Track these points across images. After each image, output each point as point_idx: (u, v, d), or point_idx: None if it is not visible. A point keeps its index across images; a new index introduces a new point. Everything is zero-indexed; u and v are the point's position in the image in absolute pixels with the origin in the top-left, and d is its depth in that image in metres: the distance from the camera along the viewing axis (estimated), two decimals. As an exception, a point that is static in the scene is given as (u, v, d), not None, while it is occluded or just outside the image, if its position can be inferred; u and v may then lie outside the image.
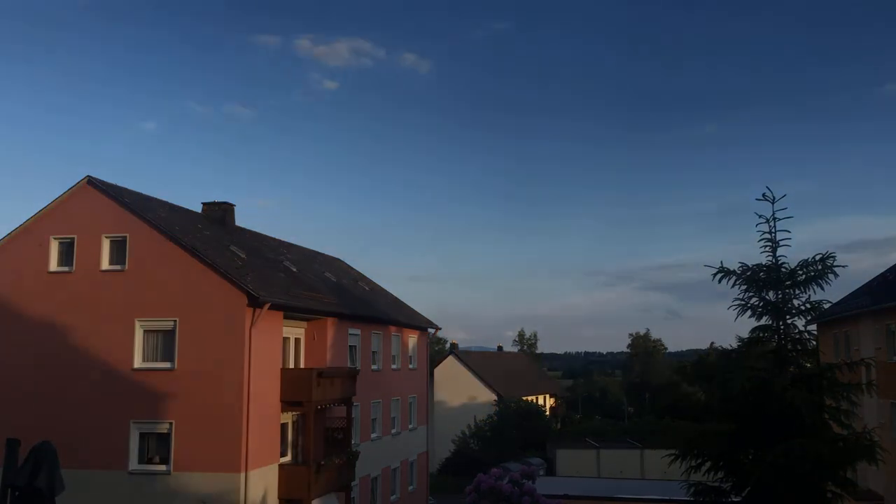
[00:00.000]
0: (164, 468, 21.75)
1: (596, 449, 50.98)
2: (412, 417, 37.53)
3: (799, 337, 13.77)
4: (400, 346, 35.53)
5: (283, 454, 24.34)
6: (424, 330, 39.83)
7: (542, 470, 40.82)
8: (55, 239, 23.44)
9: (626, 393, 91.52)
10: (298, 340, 26.36)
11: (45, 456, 8.15)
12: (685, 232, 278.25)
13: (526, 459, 45.66)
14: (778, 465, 12.01)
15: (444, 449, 55.46)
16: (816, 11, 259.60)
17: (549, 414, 68.90)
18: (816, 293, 13.57)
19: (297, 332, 26.12)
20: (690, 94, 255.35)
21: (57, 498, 8.30)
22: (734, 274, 13.87)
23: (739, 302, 13.85)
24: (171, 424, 21.80)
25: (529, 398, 64.18)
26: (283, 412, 23.90)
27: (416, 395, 38.08)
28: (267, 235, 33.09)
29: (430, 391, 44.27)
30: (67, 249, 23.40)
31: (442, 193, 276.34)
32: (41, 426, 19.52)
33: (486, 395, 61.90)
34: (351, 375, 27.05)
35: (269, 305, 22.10)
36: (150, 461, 22.06)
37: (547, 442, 56.39)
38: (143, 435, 22.17)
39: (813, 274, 13.46)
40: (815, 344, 14.12)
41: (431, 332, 41.30)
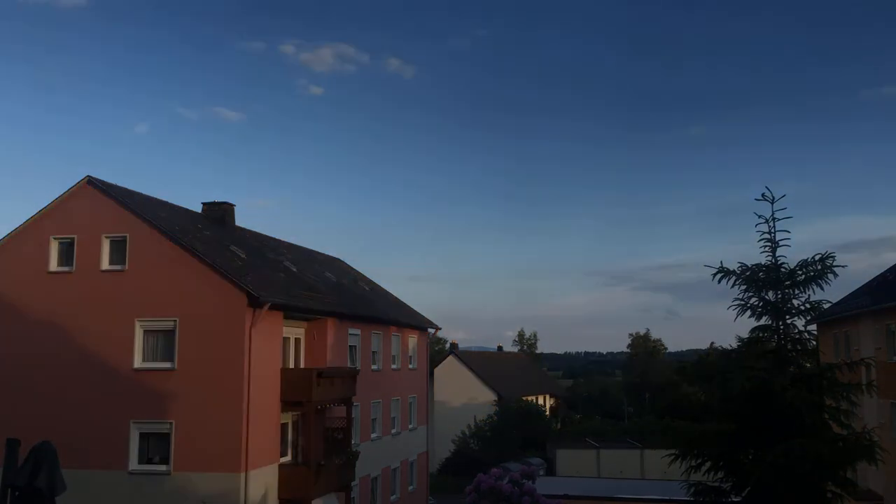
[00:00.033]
0: (164, 468, 21.76)
1: (596, 449, 50.95)
2: (412, 417, 37.54)
3: (799, 337, 13.77)
4: (400, 346, 35.53)
5: (283, 454, 24.34)
6: (424, 330, 39.83)
7: (542, 470, 40.78)
8: (55, 239, 23.45)
9: (626, 393, 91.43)
10: (298, 340, 26.36)
11: (45, 456, 8.16)
12: (685, 232, 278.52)
13: (526, 459, 45.61)
14: (778, 465, 12.01)
15: (444, 449, 55.40)
16: (816, 12, 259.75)
17: (549, 414, 68.89)
18: (816, 293, 13.59)
19: (297, 332, 26.12)
20: (690, 94, 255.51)
21: (57, 498, 8.30)
22: (734, 274, 13.87)
23: (739, 302, 13.85)
24: (171, 424, 21.82)
25: (529, 398, 64.19)
26: (283, 412, 23.91)
27: (416, 395, 38.08)
28: (267, 235, 33.10)
29: (430, 391, 44.25)
30: (67, 249, 23.41)
31: (442, 193, 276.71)
32: (41, 426, 19.47)
33: (486, 395, 61.82)
34: (351, 375, 27.06)
35: (269, 305, 22.11)
36: (150, 461, 22.08)
37: (547, 442, 56.36)
38: (143, 435, 22.19)
39: (813, 274, 13.46)
40: (815, 344, 14.12)
41: (431, 332, 41.31)
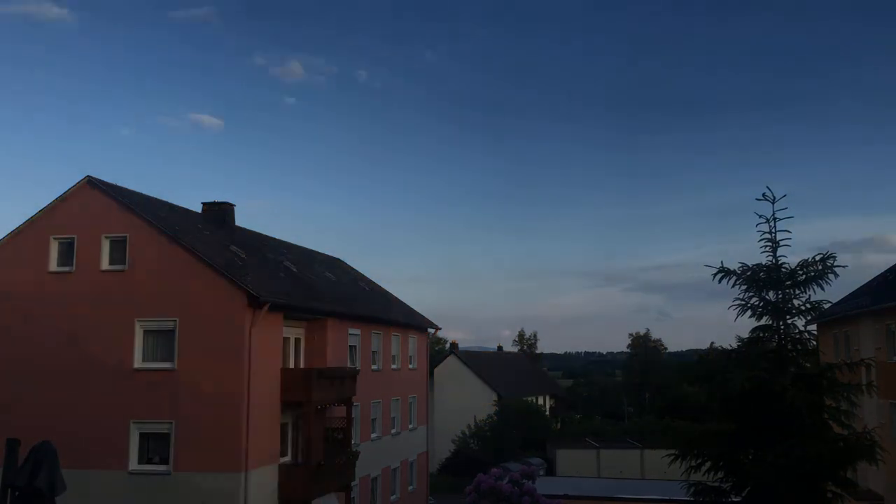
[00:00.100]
0: (164, 468, 21.75)
1: (596, 449, 50.98)
2: (412, 417, 37.52)
3: (799, 337, 13.78)
4: (400, 346, 35.52)
5: (283, 454, 24.33)
6: (424, 330, 39.82)
7: (542, 470, 40.79)
8: (55, 239, 23.43)
9: (626, 393, 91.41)
10: (298, 340, 26.35)
11: (45, 456, 8.15)
12: (684, 232, 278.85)
13: (526, 459, 45.63)
14: (778, 465, 12.02)
15: (444, 449, 55.39)
16: (816, 12, 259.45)
17: (549, 414, 68.89)
18: (816, 293, 13.60)
19: (297, 332, 26.11)
20: (689, 94, 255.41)
21: (57, 498, 8.30)
22: (734, 274, 13.89)
23: (739, 302, 13.87)
24: (171, 424, 21.80)
25: (529, 398, 64.18)
26: (283, 412, 23.90)
27: (416, 395, 38.06)
28: (267, 235, 33.07)
29: (430, 391, 44.23)
30: (67, 249, 23.39)
31: (442, 195, 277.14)
32: (41, 426, 19.45)
33: (486, 395, 61.81)
34: (351, 375, 27.05)
35: (269, 305, 22.10)
36: (150, 461, 22.07)
37: (547, 442, 56.39)
38: (143, 435, 22.17)
39: (813, 274, 13.47)
40: (815, 344, 14.14)
41: (431, 332, 41.30)
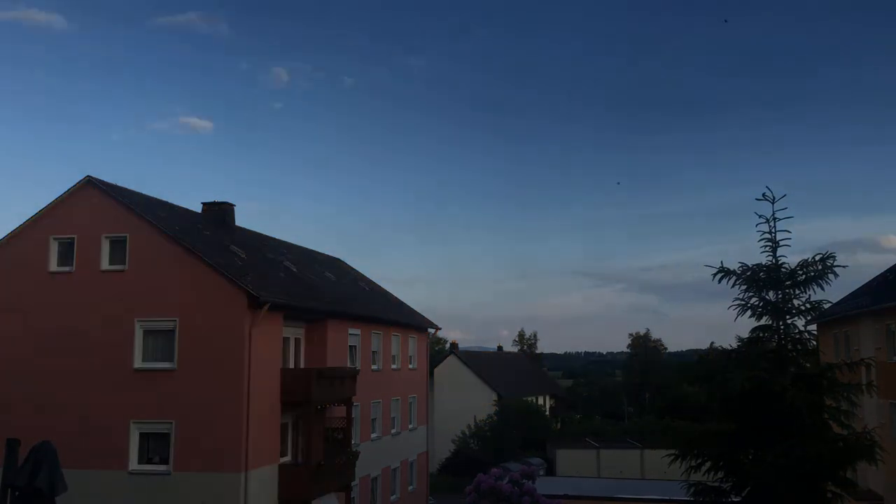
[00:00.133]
0: (164, 468, 21.74)
1: (596, 449, 50.97)
2: (412, 417, 37.52)
3: (799, 337, 13.79)
4: (400, 346, 35.52)
5: (283, 454, 24.32)
6: (424, 330, 39.82)
7: (542, 470, 40.78)
8: (55, 239, 23.41)
9: (626, 393, 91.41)
10: (298, 340, 26.34)
11: (45, 456, 8.16)
12: (685, 232, 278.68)
13: (526, 459, 45.62)
14: (778, 465, 12.02)
15: (444, 449, 55.39)
16: (816, 12, 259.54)
17: (549, 414, 68.87)
18: (816, 293, 13.60)
19: (297, 332, 26.11)
20: (689, 94, 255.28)
21: (57, 498, 8.30)
22: (734, 274, 13.90)
23: (739, 302, 13.88)
24: (171, 424, 21.80)
25: (529, 398, 64.16)
26: (283, 412, 23.89)
27: (416, 395, 38.06)
28: (267, 235, 33.09)
29: (429, 391, 44.24)
30: (67, 249, 23.38)
31: (442, 195, 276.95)
32: (41, 426, 19.47)
33: (486, 395, 61.80)
34: (351, 375, 27.04)
35: (269, 306, 22.09)
36: (150, 461, 22.06)
37: (547, 442, 56.38)
38: (143, 435, 22.16)
39: (813, 274, 13.48)
40: (815, 344, 14.14)
41: (431, 332, 41.31)
